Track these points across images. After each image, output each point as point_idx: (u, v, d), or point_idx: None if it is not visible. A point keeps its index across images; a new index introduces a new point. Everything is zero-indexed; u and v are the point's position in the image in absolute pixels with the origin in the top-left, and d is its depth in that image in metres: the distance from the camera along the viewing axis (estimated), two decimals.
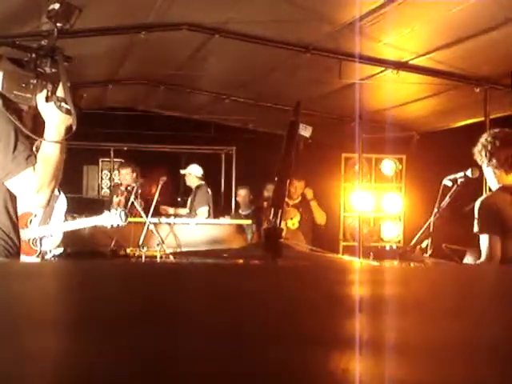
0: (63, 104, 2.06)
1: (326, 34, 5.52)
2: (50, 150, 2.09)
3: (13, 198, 2.17)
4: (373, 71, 6.23)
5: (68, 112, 2.07)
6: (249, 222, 7.22)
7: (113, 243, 6.09)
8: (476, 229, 3.19)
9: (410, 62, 5.90)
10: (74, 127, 2.07)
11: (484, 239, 3.16)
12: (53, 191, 2.14)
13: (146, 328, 0.49)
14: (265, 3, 5.09)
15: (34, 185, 2.07)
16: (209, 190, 8.11)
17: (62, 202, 4.70)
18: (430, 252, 3.58)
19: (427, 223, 3.57)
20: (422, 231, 3.60)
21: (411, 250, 3.52)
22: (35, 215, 4.40)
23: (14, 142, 2.06)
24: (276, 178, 2.22)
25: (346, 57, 5.90)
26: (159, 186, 6.57)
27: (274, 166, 2.25)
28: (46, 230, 4.48)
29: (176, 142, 9.57)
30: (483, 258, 3.17)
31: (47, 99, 2.07)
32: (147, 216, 6.15)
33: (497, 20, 4.75)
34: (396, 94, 6.73)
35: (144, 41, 5.86)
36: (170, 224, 6.79)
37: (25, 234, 4.32)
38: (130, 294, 0.65)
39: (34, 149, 2.16)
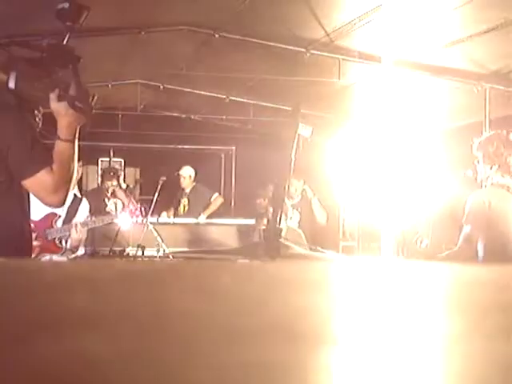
0: (76, 103, 2.04)
1: (325, 35, 5.52)
2: (64, 149, 2.08)
3: (28, 197, 2.16)
4: (372, 71, 6.23)
5: (81, 111, 2.06)
6: (252, 221, 7.19)
7: (112, 244, 6.08)
8: (463, 220, 3.26)
9: (410, 62, 5.91)
10: (89, 126, 2.07)
11: (466, 229, 3.22)
12: (69, 190, 2.12)
13: (144, 328, 0.50)
14: (264, 4, 5.09)
15: (50, 184, 2.06)
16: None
17: (84, 205, 4.73)
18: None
19: (426, 224, 3.58)
20: (421, 231, 3.61)
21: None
22: (59, 216, 4.43)
23: (30, 142, 2.05)
24: (276, 179, 2.23)
25: (346, 57, 5.91)
26: (159, 186, 6.56)
27: (273, 166, 2.26)
28: (70, 228, 4.51)
29: (176, 142, 9.57)
30: (458, 245, 3.23)
31: (60, 98, 2.05)
32: (147, 216, 6.15)
33: (496, 20, 4.75)
34: (395, 94, 6.73)
35: (144, 41, 5.86)
36: (169, 224, 6.78)
37: (51, 234, 4.38)
38: (127, 295, 0.65)
39: None
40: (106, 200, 7.20)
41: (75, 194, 4.59)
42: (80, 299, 0.59)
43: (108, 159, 9.80)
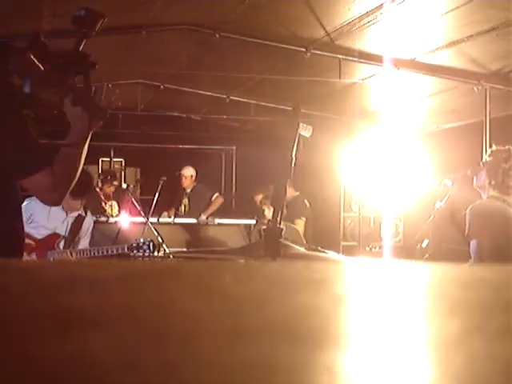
0: (91, 108, 2.08)
1: (325, 34, 5.53)
2: (74, 152, 2.12)
3: (21, 198, 2.19)
4: (373, 71, 6.24)
5: (95, 114, 2.09)
6: (253, 221, 7.19)
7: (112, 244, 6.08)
8: (466, 233, 3.29)
9: (410, 62, 5.91)
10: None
11: (472, 244, 3.26)
12: (67, 191, 2.15)
13: (144, 328, 0.50)
14: (264, 4, 5.10)
15: (49, 185, 2.08)
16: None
17: (88, 222, 4.65)
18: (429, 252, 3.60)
19: (427, 223, 3.59)
20: (422, 231, 3.62)
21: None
22: (62, 237, 4.35)
23: (28, 144, 2.06)
24: (276, 179, 2.24)
25: (346, 56, 5.92)
26: (159, 186, 6.56)
27: (273, 166, 2.26)
28: (71, 253, 4.41)
29: (176, 142, 9.57)
30: (471, 260, 3.28)
31: (74, 103, 2.07)
32: (147, 216, 6.15)
33: (496, 20, 4.76)
34: (396, 93, 6.74)
35: (144, 40, 5.87)
36: (170, 224, 6.78)
37: (52, 256, 4.29)
38: (127, 295, 0.65)
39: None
40: (103, 204, 7.17)
41: (79, 214, 4.50)
42: (80, 299, 0.59)
43: (108, 159, 9.80)
